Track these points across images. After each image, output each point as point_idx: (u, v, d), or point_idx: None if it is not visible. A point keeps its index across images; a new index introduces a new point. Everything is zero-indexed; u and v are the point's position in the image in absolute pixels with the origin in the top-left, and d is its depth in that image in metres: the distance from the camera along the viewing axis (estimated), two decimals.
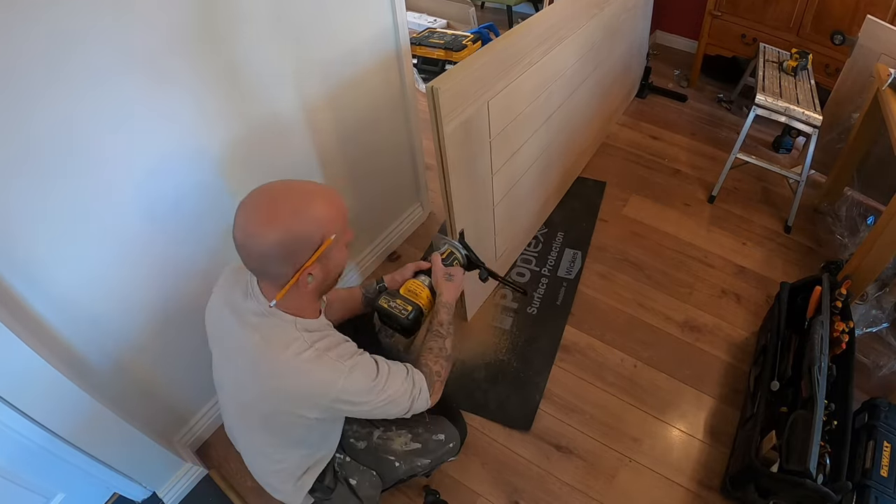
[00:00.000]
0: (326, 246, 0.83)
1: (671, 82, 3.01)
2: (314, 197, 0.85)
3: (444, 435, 1.20)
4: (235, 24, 1.11)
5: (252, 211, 0.81)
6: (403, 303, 1.08)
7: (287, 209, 0.81)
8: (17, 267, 0.92)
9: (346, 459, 1.13)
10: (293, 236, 0.80)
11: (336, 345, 0.91)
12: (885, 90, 1.67)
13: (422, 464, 1.18)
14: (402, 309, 1.07)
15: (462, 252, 1.22)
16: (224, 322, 0.93)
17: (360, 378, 0.90)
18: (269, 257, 0.81)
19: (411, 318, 1.06)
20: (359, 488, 1.12)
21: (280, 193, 0.83)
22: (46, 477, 1.18)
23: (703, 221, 2.18)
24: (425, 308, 1.10)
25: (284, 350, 0.86)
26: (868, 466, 1.26)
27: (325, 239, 0.83)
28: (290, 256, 0.82)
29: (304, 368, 0.86)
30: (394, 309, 1.07)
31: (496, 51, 1.37)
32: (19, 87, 0.81)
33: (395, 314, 1.06)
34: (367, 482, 1.14)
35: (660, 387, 1.65)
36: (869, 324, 1.68)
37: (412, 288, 1.11)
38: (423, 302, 1.10)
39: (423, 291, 1.11)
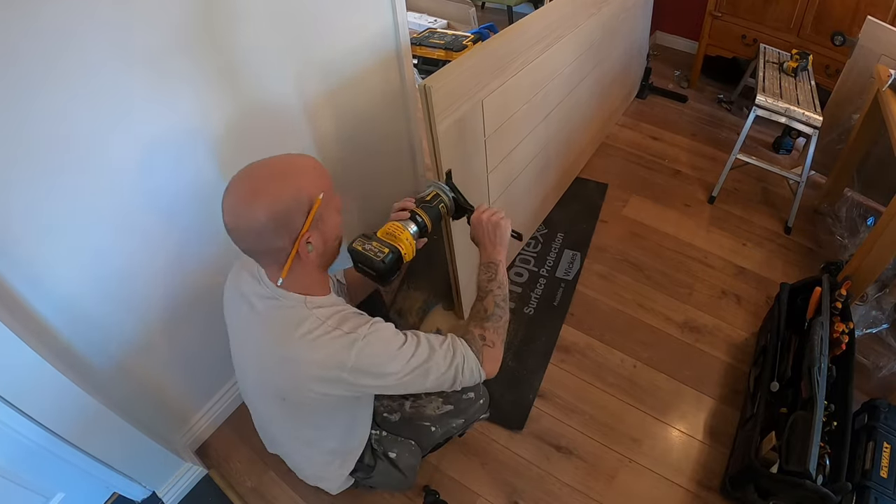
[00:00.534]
0: (318, 206, 0.82)
1: (671, 83, 3.01)
2: (293, 162, 0.85)
3: (474, 393, 1.22)
4: (235, 23, 1.11)
5: (236, 191, 0.81)
6: (380, 245, 0.97)
7: (268, 180, 0.81)
8: (17, 266, 0.92)
9: (382, 434, 1.14)
10: (281, 204, 0.79)
11: (349, 318, 0.88)
12: (886, 91, 1.67)
13: (456, 424, 1.21)
14: (377, 251, 0.95)
15: (449, 195, 1.11)
16: (237, 311, 0.94)
17: (378, 346, 0.86)
18: (262, 233, 0.80)
19: (387, 262, 0.95)
20: (398, 460, 1.14)
21: (258, 169, 0.83)
22: (46, 476, 1.18)
23: (703, 222, 2.18)
24: (405, 251, 0.99)
25: (296, 329, 0.85)
26: (868, 467, 1.26)
27: (313, 200, 0.82)
28: (284, 226, 0.81)
29: (317, 344, 0.84)
30: (368, 252, 0.96)
31: (491, 49, 1.37)
32: (18, 84, 0.81)
33: (369, 257, 0.95)
34: (406, 453, 1.16)
35: (660, 387, 1.65)
36: (869, 325, 1.68)
37: (391, 230, 1.01)
38: (404, 245, 0.98)
39: (402, 234, 1.00)
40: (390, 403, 1.18)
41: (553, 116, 1.86)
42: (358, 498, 1.31)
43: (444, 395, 1.20)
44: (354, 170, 1.66)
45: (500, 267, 1.05)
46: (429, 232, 1.06)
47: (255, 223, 0.79)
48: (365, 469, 1.11)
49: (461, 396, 1.20)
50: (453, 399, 1.20)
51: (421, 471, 1.41)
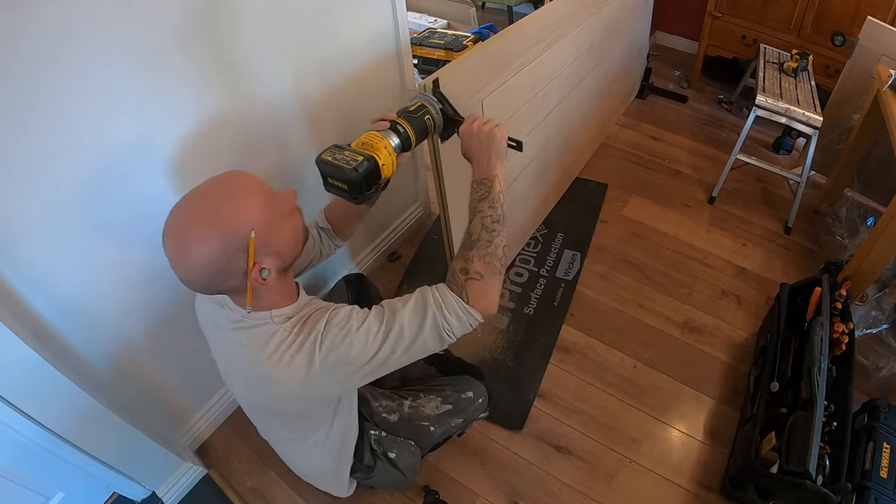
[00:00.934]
0: (252, 245, 0.76)
1: (671, 83, 3.01)
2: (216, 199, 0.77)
3: (473, 392, 1.22)
4: (235, 22, 1.11)
5: (168, 247, 0.76)
6: (353, 154, 0.83)
7: (194, 230, 0.74)
8: (16, 266, 0.92)
9: (381, 434, 1.14)
10: (213, 254, 0.74)
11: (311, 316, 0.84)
12: (886, 91, 1.67)
13: (455, 423, 1.21)
14: (349, 160, 0.82)
15: (436, 106, 0.98)
16: (211, 334, 0.95)
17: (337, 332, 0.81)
18: (210, 280, 0.77)
19: (361, 171, 0.81)
20: (398, 460, 1.14)
21: (182, 215, 0.76)
22: (46, 476, 1.18)
23: (703, 222, 2.18)
24: (383, 162, 0.86)
25: (264, 349, 0.81)
26: (868, 468, 1.26)
27: (247, 235, 0.75)
28: (226, 270, 0.76)
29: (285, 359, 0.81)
30: (340, 161, 0.82)
31: (490, 49, 1.37)
32: (18, 84, 0.81)
33: (340, 166, 0.82)
34: (406, 453, 1.15)
35: (659, 388, 1.65)
36: (869, 325, 1.68)
37: (367, 140, 0.88)
38: (382, 155, 0.86)
39: (380, 142, 0.87)
40: (389, 404, 1.18)
41: (553, 116, 1.86)
42: (358, 498, 1.31)
43: (441, 396, 1.20)
44: None
45: (496, 184, 0.91)
46: (412, 147, 0.94)
47: (198, 275, 0.76)
48: (365, 469, 1.11)
49: (459, 396, 1.20)
50: (452, 398, 1.20)
51: (421, 471, 1.41)
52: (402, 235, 2.08)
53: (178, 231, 0.76)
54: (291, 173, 1.43)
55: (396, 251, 2.06)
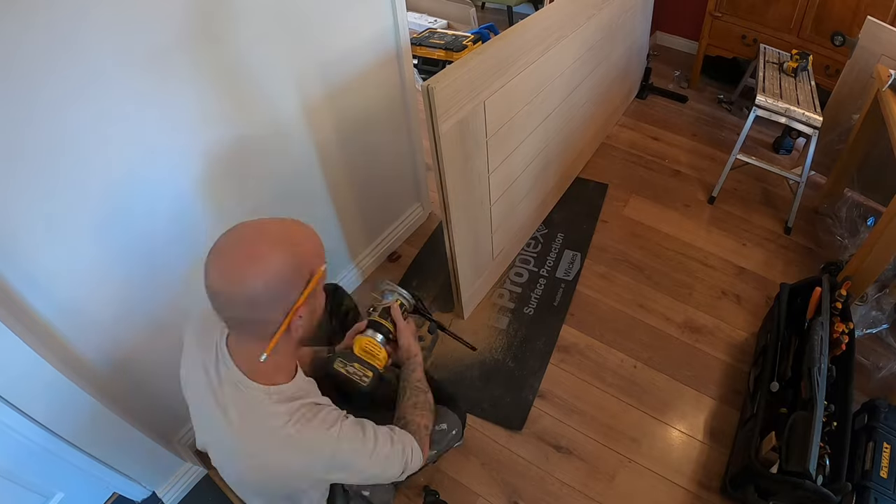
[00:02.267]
0: (318, 278, 0.76)
1: (671, 83, 3.01)
2: (293, 229, 0.77)
3: (447, 424, 1.21)
4: (235, 24, 1.11)
5: (231, 254, 0.72)
6: (362, 368, 1.00)
7: (268, 244, 0.73)
8: (17, 266, 0.92)
9: None
10: (281, 273, 0.72)
11: (318, 411, 0.83)
12: (886, 91, 1.67)
13: (430, 455, 1.18)
14: (361, 375, 1.00)
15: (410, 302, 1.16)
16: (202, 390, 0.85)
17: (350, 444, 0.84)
18: (255, 303, 0.72)
19: (370, 385, 1.00)
20: (373, 497, 1.12)
21: (254, 231, 0.75)
22: (46, 476, 1.18)
23: (703, 222, 2.18)
24: (383, 370, 1.04)
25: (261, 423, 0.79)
26: (868, 467, 1.26)
27: (315, 271, 0.76)
28: (280, 298, 0.74)
29: (287, 445, 0.79)
30: (352, 375, 0.99)
31: (492, 50, 1.37)
32: (20, 85, 0.81)
33: (353, 381, 0.99)
34: (380, 489, 1.13)
35: (659, 387, 1.65)
36: (869, 325, 1.68)
37: (368, 348, 1.04)
38: (381, 364, 1.04)
39: (380, 352, 1.05)
40: None
41: (553, 117, 1.86)
42: None
43: None
44: (355, 169, 1.66)
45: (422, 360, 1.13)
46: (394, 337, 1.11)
47: (250, 291, 0.71)
48: None
49: (434, 428, 1.16)
50: None
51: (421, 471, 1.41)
52: (401, 235, 2.08)
53: (249, 241, 0.73)
54: (291, 173, 1.44)
55: (396, 251, 2.06)
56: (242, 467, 0.85)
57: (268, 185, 1.37)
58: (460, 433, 1.26)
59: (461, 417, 1.26)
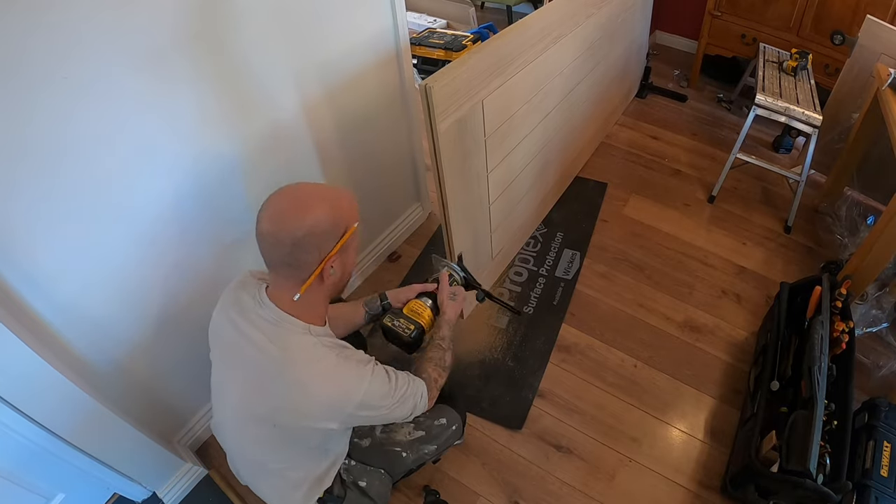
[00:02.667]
0: (351, 233, 0.90)
1: (671, 82, 3.01)
2: (338, 191, 0.94)
3: (446, 419, 1.22)
4: (235, 23, 1.11)
5: (283, 201, 0.87)
6: (406, 322, 1.16)
7: (316, 199, 0.88)
8: (16, 267, 0.92)
9: (351, 463, 1.13)
10: (324, 223, 0.86)
11: (353, 352, 0.95)
12: (885, 90, 1.67)
13: (428, 450, 1.20)
14: (405, 328, 1.15)
15: (460, 275, 1.31)
16: (232, 335, 0.94)
17: (380, 382, 0.95)
18: (298, 245, 0.86)
19: (413, 337, 1.15)
20: (369, 489, 1.13)
21: (306, 188, 0.91)
22: (46, 477, 1.18)
23: (703, 221, 2.18)
24: (427, 327, 1.18)
25: (304, 354, 0.89)
26: (868, 466, 1.26)
27: (349, 228, 0.90)
28: (319, 245, 0.87)
29: (330, 374, 0.90)
30: (397, 328, 1.16)
31: (490, 49, 1.37)
32: (21, 86, 0.81)
33: (398, 332, 1.15)
34: (376, 481, 1.14)
35: (660, 387, 1.65)
36: (869, 324, 1.68)
37: (415, 308, 1.20)
38: (425, 321, 1.18)
39: (425, 311, 1.20)
40: (361, 428, 1.17)
41: (553, 116, 1.86)
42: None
43: (415, 421, 1.19)
44: (354, 169, 1.66)
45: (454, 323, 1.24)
46: None
47: (297, 233, 0.85)
48: (335, 500, 1.08)
49: (433, 423, 1.20)
50: (425, 425, 1.19)
51: (421, 471, 1.41)
52: (401, 235, 2.08)
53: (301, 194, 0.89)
54: (291, 172, 1.43)
55: (396, 251, 2.06)
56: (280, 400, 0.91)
57: (267, 184, 1.37)
58: (460, 430, 1.26)
59: (461, 414, 1.26)
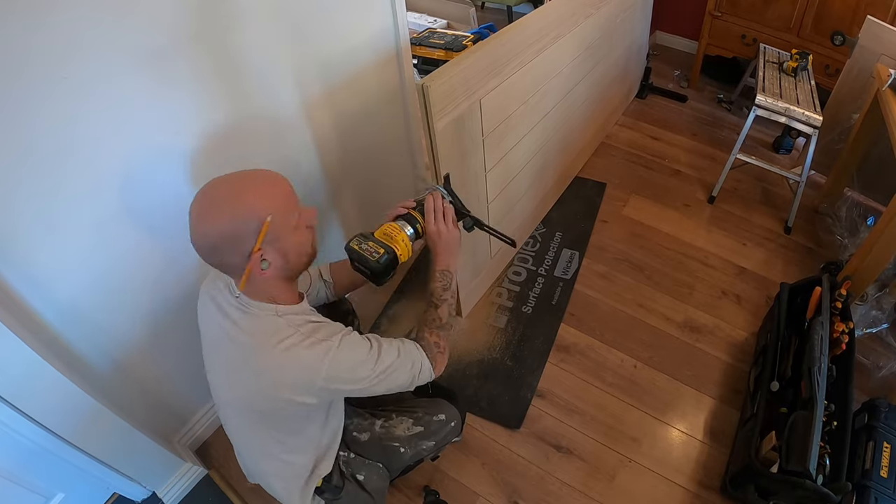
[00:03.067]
0: (265, 228, 0.84)
1: (671, 83, 3.01)
2: (247, 182, 0.87)
3: (445, 415, 1.22)
4: (235, 23, 1.11)
5: (195, 208, 0.84)
6: (376, 245, 0.99)
7: (221, 200, 0.84)
8: (16, 266, 0.92)
9: (350, 456, 1.13)
10: (230, 225, 0.82)
11: (322, 327, 0.92)
12: (885, 91, 1.67)
13: (427, 446, 1.20)
14: (373, 251, 0.98)
15: (447, 199, 1.11)
16: (211, 319, 0.95)
17: (350, 352, 0.90)
18: (216, 249, 0.84)
19: (382, 262, 0.97)
20: (367, 483, 1.12)
21: (214, 188, 0.86)
22: (46, 477, 1.18)
23: (703, 222, 2.18)
24: (400, 253, 1.01)
25: (269, 338, 0.87)
26: (868, 467, 1.26)
27: (263, 220, 0.84)
28: (235, 245, 0.84)
29: (291, 353, 0.87)
30: (364, 251, 0.98)
31: (487, 49, 1.37)
32: (21, 87, 0.81)
33: (365, 257, 0.98)
34: (374, 475, 1.14)
35: (660, 387, 1.65)
36: (869, 324, 1.68)
37: (387, 231, 1.03)
38: (399, 247, 1.01)
39: (399, 235, 1.02)
40: (361, 422, 1.17)
41: (552, 116, 1.86)
42: None
43: (413, 417, 1.19)
44: (354, 169, 1.66)
45: (454, 276, 1.11)
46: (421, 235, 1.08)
47: (208, 240, 0.83)
48: (333, 490, 1.08)
49: (431, 419, 1.20)
50: (424, 420, 1.19)
51: (421, 470, 1.41)
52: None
53: (206, 198, 0.85)
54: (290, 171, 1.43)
55: None
56: (252, 382, 0.90)
57: None
58: (459, 427, 1.25)
59: (460, 412, 1.26)
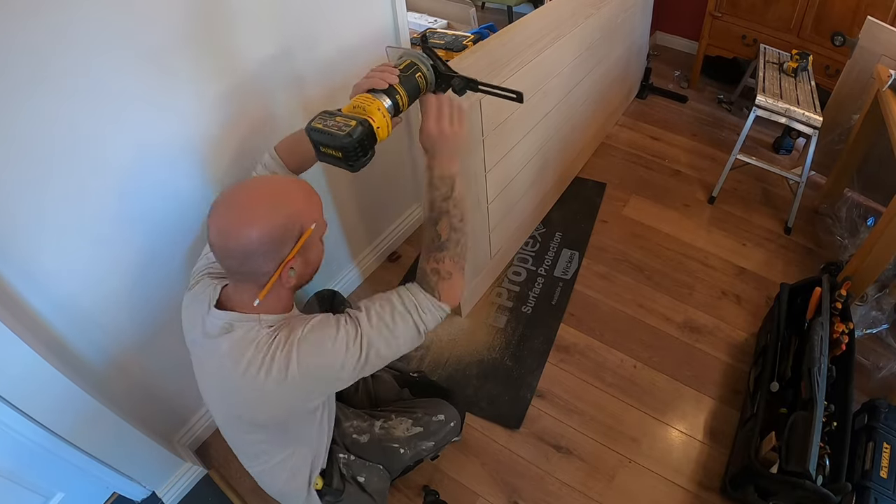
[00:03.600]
0: (307, 236, 0.82)
1: (671, 83, 3.01)
2: (290, 188, 0.84)
3: (444, 415, 1.22)
4: (235, 23, 1.11)
5: (229, 210, 0.80)
6: (345, 119, 0.79)
7: (265, 203, 0.80)
8: (15, 265, 0.92)
9: (350, 458, 1.13)
10: (274, 230, 0.79)
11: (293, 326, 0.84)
12: (886, 91, 1.67)
13: (426, 447, 1.20)
14: (342, 125, 0.77)
15: (427, 63, 0.90)
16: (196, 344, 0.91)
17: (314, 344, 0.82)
18: (252, 255, 0.79)
19: (356, 136, 0.76)
20: (367, 484, 1.12)
21: (254, 190, 0.82)
22: (46, 476, 1.18)
23: (703, 222, 2.18)
24: (377, 125, 0.81)
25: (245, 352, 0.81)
26: (868, 468, 1.26)
27: (304, 229, 0.82)
28: (274, 251, 0.80)
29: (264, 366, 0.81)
30: (332, 128, 0.77)
31: (489, 49, 1.37)
32: (16, 84, 0.81)
33: (333, 133, 0.77)
34: (375, 477, 1.14)
35: (659, 387, 1.65)
36: (869, 325, 1.68)
37: (359, 103, 0.82)
38: (377, 117, 0.81)
39: (372, 104, 0.81)
40: (360, 424, 1.17)
41: (552, 116, 1.86)
42: None
43: (413, 418, 1.19)
44: None
45: (457, 182, 0.92)
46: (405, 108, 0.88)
47: (247, 245, 0.78)
48: (334, 493, 1.08)
49: (431, 419, 1.20)
50: (423, 421, 1.19)
51: (420, 470, 1.41)
52: (402, 235, 2.08)
53: (245, 200, 0.80)
54: None
55: (396, 251, 2.06)
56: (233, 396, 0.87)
57: None
58: (458, 427, 1.25)
59: (460, 411, 1.26)
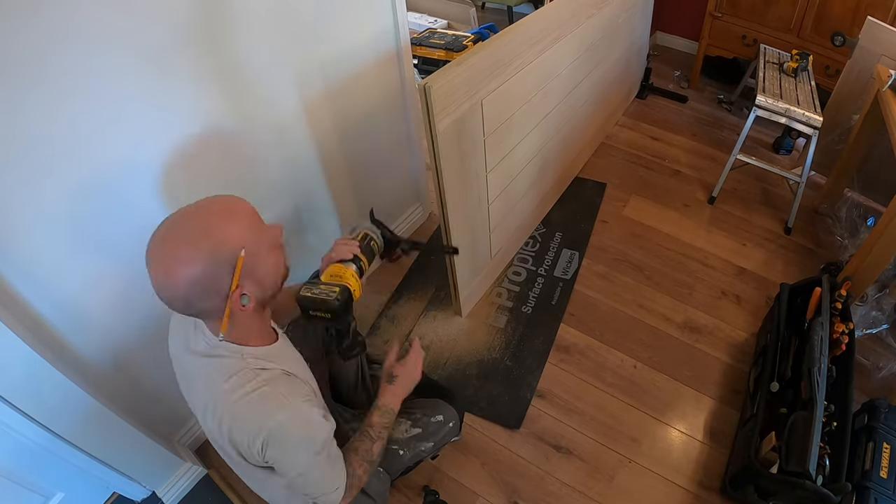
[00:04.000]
0: (241, 264, 0.76)
1: (671, 83, 3.01)
2: (206, 217, 0.77)
3: (443, 416, 1.22)
4: (235, 23, 1.11)
5: (152, 263, 0.75)
6: (328, 287, 0.96)
7: (183, 246, 0.74)
8: (15, 265, 0.92)
9: None
10: (200, 270, 0.74)
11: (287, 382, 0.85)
12: (886, 91, 1.67)
13: (426, 448, 1.20)
14: (328, 293, 0.94)
15: (377, 232, 1.13)
16: (182, 363, 0.91)
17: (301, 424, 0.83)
18: (190, 299, 0.76)
19: (342, 299, 0.94)
20: (368, 488, 1.12)
21: (170, 231, 0.76)
22: (46, 476, 1.18)
23: (703, 222, 2.18)
24: (354, 288, 0.98)
25: (226, 382, 0.81)
26: (868, 468, 1.26)
27: (236, 257, 0.76)
28: (210, 289, 0.76)
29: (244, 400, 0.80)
30: (319, 295, 0.94)
31: (490, 49, 1.37)
32: (16, 83, 0.81)
33: (322, 299, 0.94)
34: (375, 479, 1.14)
35: (659, 387, 1.65)
36: (869, 325, 1.68)
37: (333, 272, 0.99)
38: (352, 282, 0.98)
39: (346, 272, 0.99)
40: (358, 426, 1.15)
41: (552, 116, 1.86)
42: None
43: (411, 419, 1.19)
44: (354, 169, 1.66)
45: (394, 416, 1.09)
46: (367, 271, 1.06)
47: (180, 295, 0.75)
48: None
49: (429, 420, 1.20)
50: (422, 422, 1.19)
51: (420, 470, 1.41)
52: (402, 236, 2.08)
53: (165, 246, 0.75)
54: (290, 172, 1.43)
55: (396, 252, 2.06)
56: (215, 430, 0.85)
57: (267, 183, 1.38)
58: (457, 427, 1.26)
59: (458, 412, 1.26)
